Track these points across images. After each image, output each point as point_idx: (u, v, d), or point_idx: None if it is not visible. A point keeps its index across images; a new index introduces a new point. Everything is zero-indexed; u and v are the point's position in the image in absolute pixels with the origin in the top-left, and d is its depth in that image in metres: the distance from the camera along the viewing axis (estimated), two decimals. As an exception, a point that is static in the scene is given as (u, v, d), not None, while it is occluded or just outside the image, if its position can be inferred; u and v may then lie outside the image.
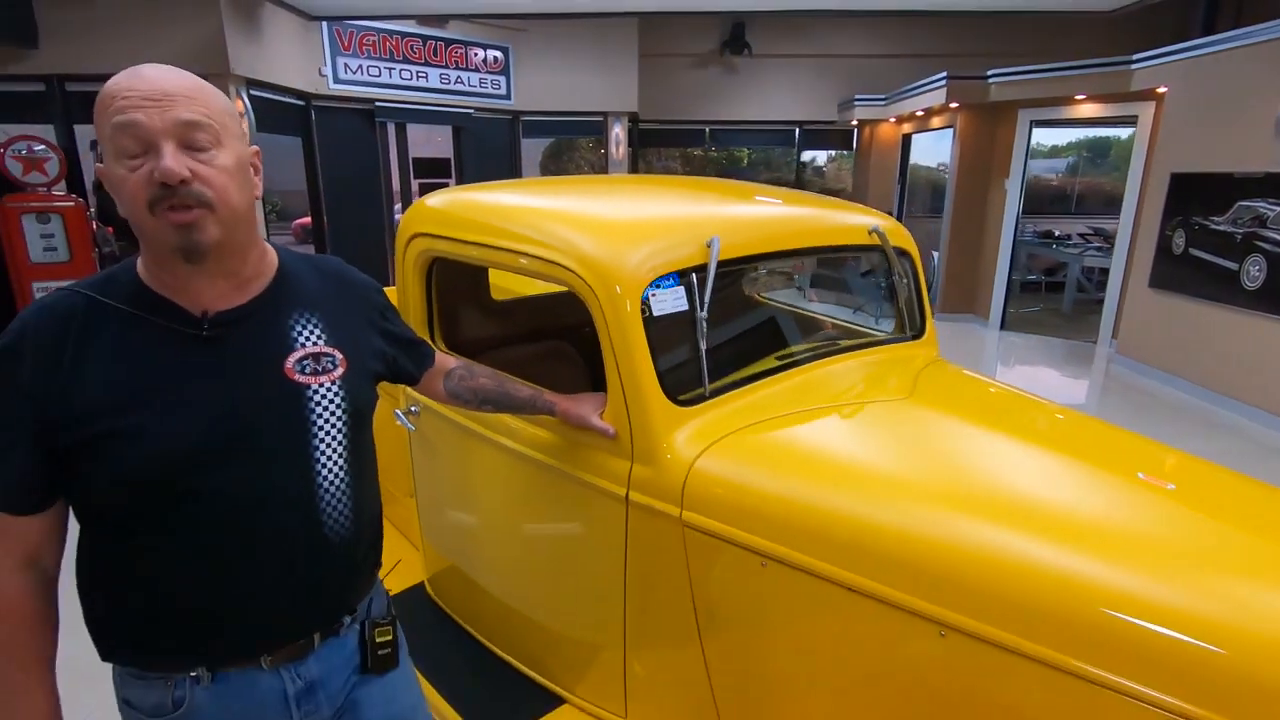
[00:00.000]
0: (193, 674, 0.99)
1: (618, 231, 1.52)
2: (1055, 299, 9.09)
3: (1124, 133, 8.53)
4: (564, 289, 1.47)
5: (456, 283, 2.06)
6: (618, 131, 8.86)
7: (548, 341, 2.26)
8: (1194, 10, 6.43)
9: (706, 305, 1.43)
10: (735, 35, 9.25)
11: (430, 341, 1.66)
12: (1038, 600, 1.05)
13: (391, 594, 1.29)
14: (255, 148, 1.01)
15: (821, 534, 1.21)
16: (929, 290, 8.17)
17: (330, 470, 1.02)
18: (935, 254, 8.21)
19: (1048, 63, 6.57)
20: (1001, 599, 1.07)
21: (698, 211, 1.73)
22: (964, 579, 1.10)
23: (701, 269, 1.46)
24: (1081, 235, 9.24)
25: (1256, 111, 4.80)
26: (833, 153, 11.13)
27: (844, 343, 1.87)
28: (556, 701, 1.72)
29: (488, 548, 1.86)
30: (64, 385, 0.90)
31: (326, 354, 1.04)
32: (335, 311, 1.08)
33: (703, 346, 1.44)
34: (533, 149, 10.67)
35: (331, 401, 1.02)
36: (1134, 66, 5.96)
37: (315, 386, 1.01)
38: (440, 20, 7.65)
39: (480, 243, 1.64)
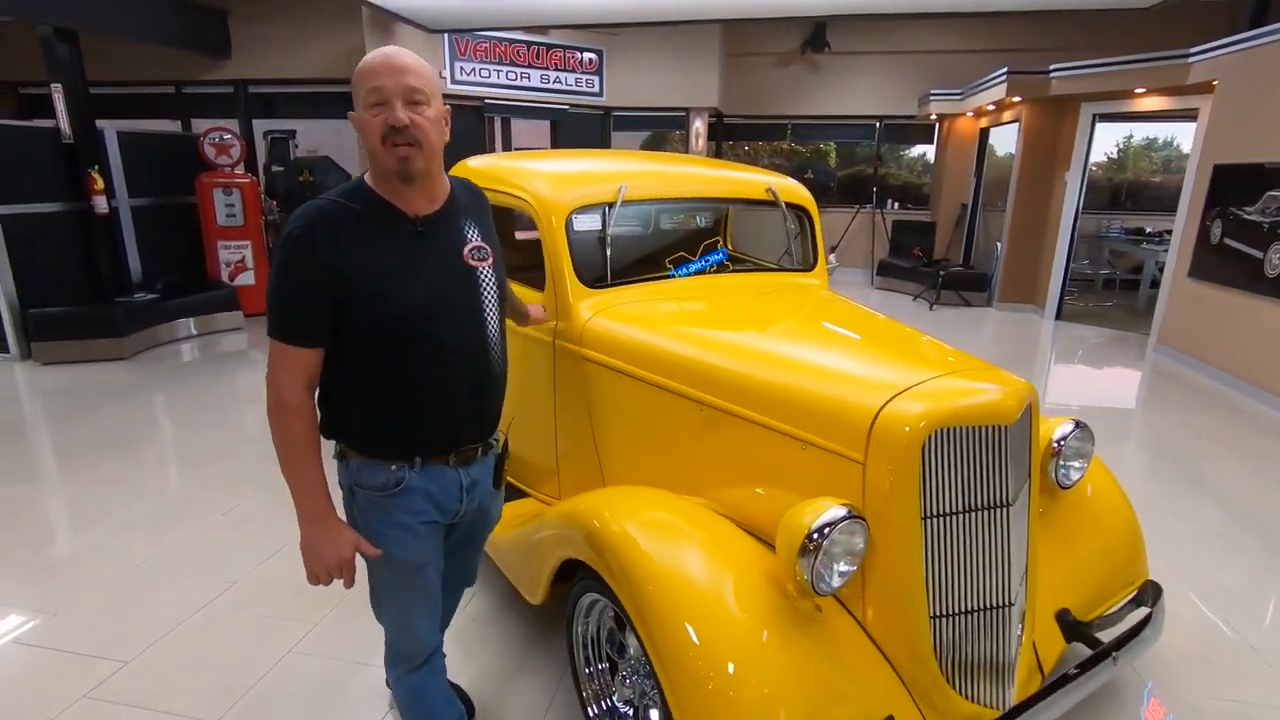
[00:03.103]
0: (410, 463, 1.42)
1: (563, 180, 2.38)
2: (1133, 295, 8.97)
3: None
4: None
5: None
6: (698, 125, 9.63)
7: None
8: (1244, 3, 6.37)
9: (611, 227, 2.26)
10: (816, 34, 9.75)
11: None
12: (747, 388, 1.81)
13: None
14: (446, 107, 1.37)
15: (649, 357, 2.02)
16: (990, 279, 8.37)
17: (492, 326, 1.46)
18: (999, 244, 8.39)
19: (1117, 56, 6.68)
20: (730, 387, 1.84)
21: (624, 169, 2.54)
22: (712, 378, 1.88)
23: (613, 205, 2.29)
24: (1169, 232, 9.01)
25: (1289, 104, 4.91)
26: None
27: (734, 266, 2.62)
28: (523, 494, 2.62)
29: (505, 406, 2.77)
30: (340, 257, 1.28)
31: (483, 247, 1.46)
32: (480, 220, 1.50)
33: (608, 253, 2.27)
34: (630, 140, 11.60)
35: (489, 279, 1.45)
36: (1191, 60, 6.05)
37: (480, 269, 1.44)
38: (543, 28, 8.74)
39: (490, 188, 2.55)
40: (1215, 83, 5.83)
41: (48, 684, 2.12)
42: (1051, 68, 7.13)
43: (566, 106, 9.36)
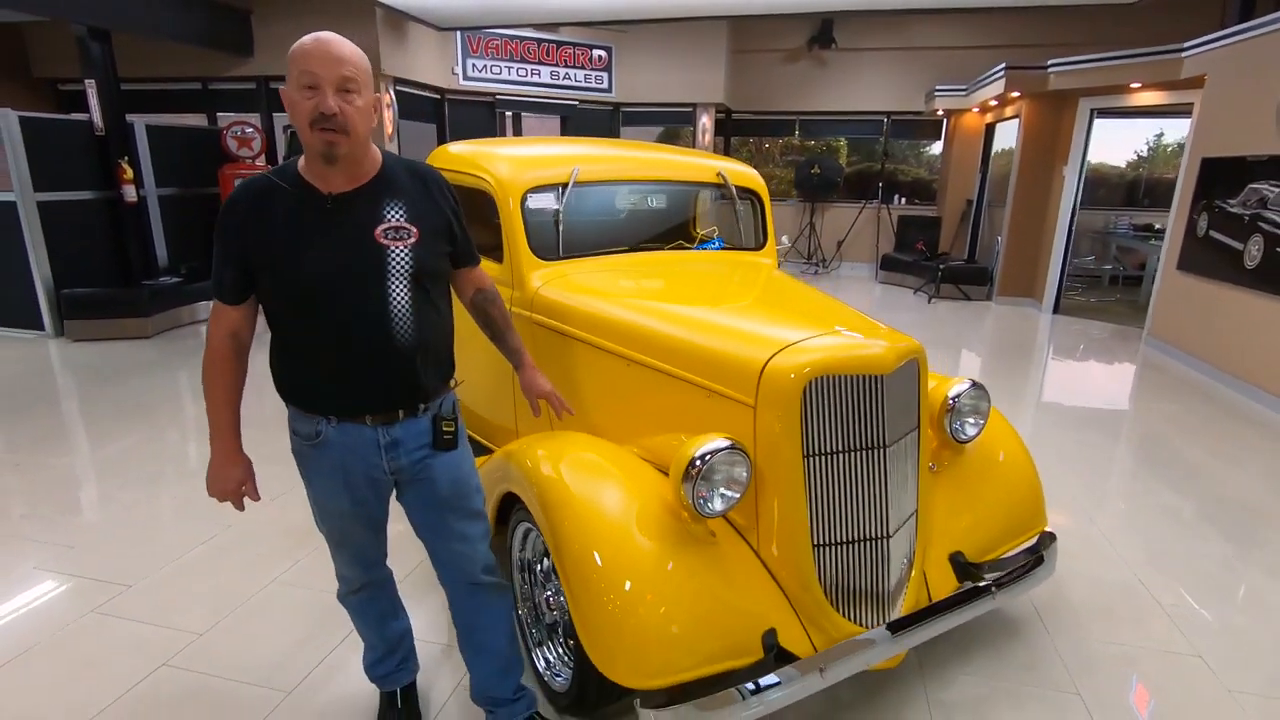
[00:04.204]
0: (326, 418, 1.53)
1: (522, 163, 2.62)
2: (1137, 290, 8.97)
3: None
4: None
5: (469, 203, 3.24)
6: (704, 121, 9.82)
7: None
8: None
9: (564, 205, 2.50)
10: (823, 30, 9.87)
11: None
12: (665, 345, 2.04)
13: None
14: (380, 94, 1.80)
15: (588, 320, 2.26)
16: (990, 273, 8.43)
17: (398, 303, 1.48)
18: (999, 238, 8.46)
19: (1116, 51, 6.73)
20: (652, 345, 2.07)
21: (582, 153, 2.77)
22: (637, 338, 2.11)
23: (566, 185, 2.53)
24: (1176, 228, 8.98)
25: (1269, 96, 4.97)
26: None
27: (688, 244, 2.84)
28: (490, 450, 2.87)
29: (470, 372, 3.03)
30: (254, 227, 1.43)
31: (404, 228, 1.48)
32: (417, 200, 1.53)
33: (560, 230, 2.51)
34: (639, 135, 11.84)
35: (403, 259, 1.48)
36: (1185, 54, 6.10)
37: (393, 248, 1.47)
38: (553, 25, 8.99)
39: (462, 170, 2.81)
40: (1206, 77, 5.88)
41: (62, 601, 2.43)
42: (1049, 63, 7.20)
43: (576, 102, 9.61)
